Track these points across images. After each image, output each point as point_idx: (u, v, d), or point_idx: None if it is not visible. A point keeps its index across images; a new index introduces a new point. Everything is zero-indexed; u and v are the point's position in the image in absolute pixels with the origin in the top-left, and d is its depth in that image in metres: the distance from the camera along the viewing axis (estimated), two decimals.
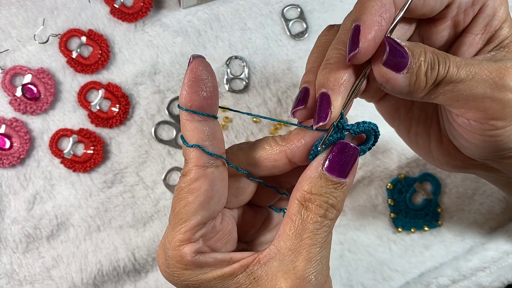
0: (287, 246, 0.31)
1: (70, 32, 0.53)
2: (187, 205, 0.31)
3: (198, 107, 0.30)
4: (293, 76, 0.55)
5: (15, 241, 0.50)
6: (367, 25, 0.30)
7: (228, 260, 0.32)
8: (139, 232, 0.52)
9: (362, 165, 0.53)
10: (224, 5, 0.55)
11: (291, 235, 0.31)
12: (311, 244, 0.31)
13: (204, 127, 0.31)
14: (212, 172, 0.31)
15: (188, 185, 0.31)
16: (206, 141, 0.31)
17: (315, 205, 0.31)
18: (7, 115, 0.52)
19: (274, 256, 0.31)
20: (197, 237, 0.31)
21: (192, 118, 0.30)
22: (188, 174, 0.31)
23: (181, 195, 0.31)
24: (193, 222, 0.31)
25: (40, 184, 0.51)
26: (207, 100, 0.30)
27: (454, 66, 0.31)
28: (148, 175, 0.52)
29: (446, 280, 0.51)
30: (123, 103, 0.53)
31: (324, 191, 0.31)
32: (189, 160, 0.31)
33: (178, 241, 0.31)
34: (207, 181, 0.31)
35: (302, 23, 0.56)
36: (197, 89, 0.30)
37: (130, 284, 0.52)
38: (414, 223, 0.53)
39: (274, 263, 0.31)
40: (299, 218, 0.31)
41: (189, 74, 0.30)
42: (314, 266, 0.31)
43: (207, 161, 0.31)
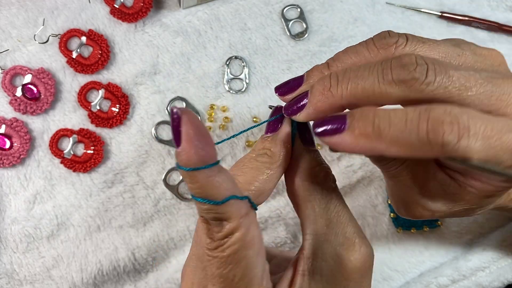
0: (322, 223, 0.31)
1: (70, 32, 0.53)
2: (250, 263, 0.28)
3: (211, 158, 0.26)
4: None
5: (15, 241, 0.50)
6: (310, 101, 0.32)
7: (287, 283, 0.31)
8: (139, 232, 0.52)
9: (362, 165, 0.53)
10: (224, 5, 0.55)
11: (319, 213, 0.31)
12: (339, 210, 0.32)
13: (224, 176, 0.27)
14: (252, 216, 0.28)
15: (243, 241, 0.27)
16: (234, 188, 0.27)
17: (322, 177, 0.32)
18: (7, 115, 0.52)
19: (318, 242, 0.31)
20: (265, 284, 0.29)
21: (215, 172, 0.26)
22: (235, 232, 0.27)
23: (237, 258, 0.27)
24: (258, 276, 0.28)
25: (40, 184, 0.51)
26: (212, 149, 0.26)
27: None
28: (148, 175, 0.52)
29: (446, 280, 0.51)
30: (123, 103, 0.53)
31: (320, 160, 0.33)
32: (230, 216, 0.27)
33: None
34: (255, 225, 0.28)
35: (302, 23, 0.56)
36: (203, 141, 0.25)
37: (130, 284, 0.52)
38: (414, 223, 0.53)
39: (323, 245, 0.31)
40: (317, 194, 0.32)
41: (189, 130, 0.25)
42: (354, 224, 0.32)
43: (247, 208, 0.28)
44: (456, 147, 0.25)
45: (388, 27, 0.56)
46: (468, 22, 0.56)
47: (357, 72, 0.29)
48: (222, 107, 0.54)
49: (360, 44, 0.32)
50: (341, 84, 0.29)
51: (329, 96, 0.30)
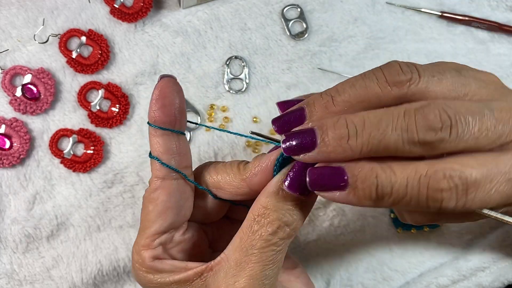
0: (234, 258, 0.31)
1: (70, 32, 0.53)
2: (147, 213, 0.34)
3: (163, 123, 0.33)
4: (293, 76, 0.55)
5: (15, 241, 0.50)
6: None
7: (184, 267, 0.33)
8: None
9: None
10: (224, 5, 0.55)
11: (239, 248, 0.31)
12: (256, 262, 0.30)
13: (167, 141, 0.33)
14: (170, 184, 0.33)
15: (149, 194, 0.34)
16: (166, 154, 0.33)
17: (267, 220, 0.30)
18: (7, 115, 0.52)
19: (223, 266, 0.32)
20: (155, 244, 0.33)
21: (155, 133, 0.33)
22: (149, 184, 0.34)
23: (144, 204, 0.34)
24: (151, 230, 0.33)
25: (40, 184, 0.51)
26: (170, 117, 0.33)
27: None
28: (148, 175, 0.52)
29: (446, 280, 0.51)
30: (123, 103, 0.52)
31: (280, 207, 0.30)
32: (151, 171, 0.34)
33: (140, 246, 0.34)
34: (165, 192, 0.33)
35: (302, 23, 0.56)
36: (162, 106, 0.33)
37: (130, 284, 0.52)
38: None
39: (221, 274, 0.31)
40: (249, 231, 0.31)
41: (155, 92, 0.33)
42: (254, 285, 0.30)
43: (166, 173, 0.33)
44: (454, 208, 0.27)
45: (388, 27, 0.56)
46: (468, 22, 0.56)
47: (379, 126, 0.27)
48: (222, 107, 0.54)
49: (367, 77, 0.29)
50: (361, 138, 0.27)
51: (347, 149, 0.27)
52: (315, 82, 0.55)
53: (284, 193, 0.30)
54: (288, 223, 0.30)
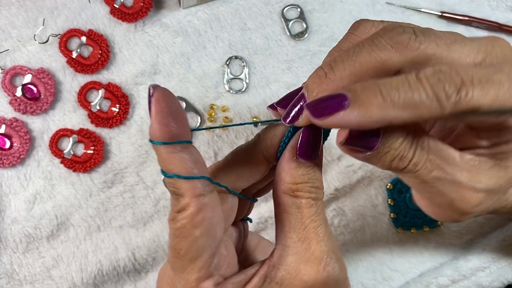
0: (295, 238, 0.31)
1: (70, 32, 0.53)
2: (194, 241, 0.29)
3: (176, 137, 0.28)
4: (293, 76, 0.55)
5: (15, 241, 0.50)
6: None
7: (245, 279, 0.31)
8: (139, 232, 0.52)
9: (362, 165, 0.53)
10: (224, 5, 0.55)
11: (293, 228, 0.31)
12: (316, 227, 0.31)
13: (189, 155, 0.29)
14: (210, 198, 0.29)
15: (191, 219, 0.28)
16: (195, 168, 0.29)
17: (303, 192, 0.31)
18: (7, 115, 0.52)
19: (286, 253, 0.31)
20: (212, 270, 0.30)
21: (175, 149, 0.28)
22: (187, 209, 0.28)
23: (184, 233, 0.29)
24: (205, 257, 0.29)
25: (40, 184, 0.51)
26: (183, 127, 0.28)
27: (427, 167, 0.29)
28: (148, 175, 0.52)
29: (446, 280, 0.51)
30: (123, 103, 0.53)
31: (307, 178, 0.31)
32: (184, 193, 0.28)
33: (195, 281, 0.30)
34: (209, 209, 0.29)
35: (302, 23, 0.56)
36: (169, 119, 0.28)
37: (130, 284, 0.52)
38: (414, 223, 0.53)
39: (291, 259, 0.31)
40: (294, 208, 0.31)
41: (157, 106, 0.28)
42: (328, 243, 0.31)
43: (203, 189, 0.29)
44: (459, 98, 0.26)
45: None
46: (468, 22, 0.56)
47: (348, 52, 0.28)
48: (222, 107, 0.54)
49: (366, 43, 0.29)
50: (337, 67, 0.28)
51: (328, 83, 0.28)
52: None
53: (301, 164, 0.31)
54: (318, 186, 0.31)
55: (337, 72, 0.28)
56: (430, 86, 0.26)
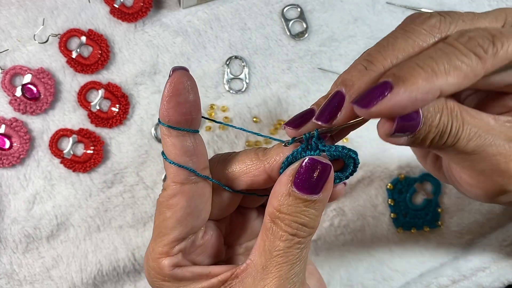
0: (260, 262, 0.31)
1: (70, 32, 0.53)
2: (165, 220, 0.31)
3: (177, 123, 0.29)
4: (293, 76, 0.55)
5: (15, 241, 0.50)
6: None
7: (207, 274, 0.32)
8: (139, 232, 0.52)
9: (363, 165, 0.53)
10: (224, 5, 0.55)
11: (263, 251, 0.30)
12: (281, 262, 0.30)
13: (183, 142, 0.30)
14: (190, 188, 0.31)
15: (166, 200, 0.31)
16: (185, 156, 0.30)
17: (284, 223, 0.29)
18: (7, 115, 0.52)
19: (249, 272, 0.31)
20: (175, 251, 0.32)
21: (170, 133, 0.30)
22: (166, 190, 0.31)
23: (160, 209, 0.31)
24: (170, 237, 0.31)
25: (40, 184, 0.51)
26: (186, 116, 0.29)
27: (465, 136, 0.29)
28: (148, 175, 0.52)
29: (446, 280, 0.51)
30: (123, 103, 0.52)
31: (293, 210, 0.29)
32: (168, 175, 0.31)
33: (158, 253, 0.31)
34: (185, 197, 0.31)
35: (302, 23, 0.55)
36: (176, 104, 0.29)
37: (130, 284, 0.52)
38: (414, 223, 0.53)
39: (248, 280, 0.31)
40: (270, 234, 0.30)
41: (168, 88, 0.29)
42: (285, 285, 0.30)
43: (185, 178, 0.30)
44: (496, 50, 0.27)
45: (388, 27, 0.56)
46: None
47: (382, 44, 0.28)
48: (222, 107, 0.54)
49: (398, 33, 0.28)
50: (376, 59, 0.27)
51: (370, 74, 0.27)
52: (315, 82, 0.55)
53: (294, 194, 0.29)
54: (305, 223, 0.30)
55: (378, 64, 0.27)
56: (463, 45, 0.26)
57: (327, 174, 0.29)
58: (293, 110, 0.54)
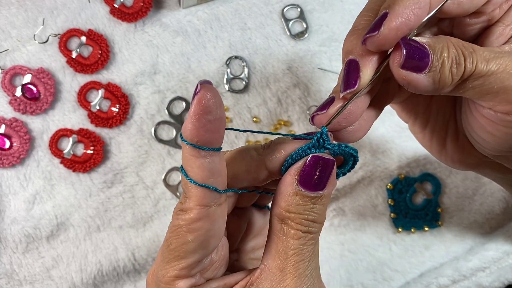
0: (275, 265, 0.30)
1: (70, 32, 0.53)
2: (185, 243, 0.29)
3: (206, 142, 0.27)
4: (293, 76, 0.55)
5: (15, 241, 0.50)
6: (395, 14, 0.29)
7: (222, 285, 0.31)
8: (139, 232, 0.52)
9: (362, 165, 0.53)
10: (224, 5, 0.55)
11: (277, 253, 0.30)
12: (298, 261, 0.30)
13: (210, 164, 0.28)
14: (215, 211, 0.29)
15: (188, 224, 0.29)
16: (212, 178, 0.28)
17: (295, 222, 0.30)
18: (7, 115, 0.52)
19: (265, 276, 0.31)
20: (193, 273, 0.30)
21: (198, 154, 0.28)
22: (189, 212, 0.29)
23: (179, 232, 0.29)
24: (189, 261, 0.30)
25: (40, 184, 0.51)
26: (215, 134, 0.27)
27: (482, 59, 0.30)
28: (148, 175, 0.52)
29: (446, 280, 0.51)
30: (123, 103, 0.52)
31: (302, 209, 0.29)
32: (191, 197, 0.28)
33: (173, 276, 0.30)
34: (209, 221, 0.29)
35: (302, 23, 0.55)
36: (205, 123, 0.27)
37: (130, 284, 0.52)
38: (414, 223, 0.53)
39: (266, 284, 0.30)
40: (282, 235, 0.30)
41: (196, 106, 0.26)
42: (304, 281, 0.30)
43: (211, 201, 0.29)
44: None
45: None
46: None
47: None
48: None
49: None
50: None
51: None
52: (315, 82, 0.55)
53: (301, 193, 0.29)
54: (315, 220, 0.30)
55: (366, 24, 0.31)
56: None
57: (331, 170, 0.29)
58: (293, 110, 0.54)
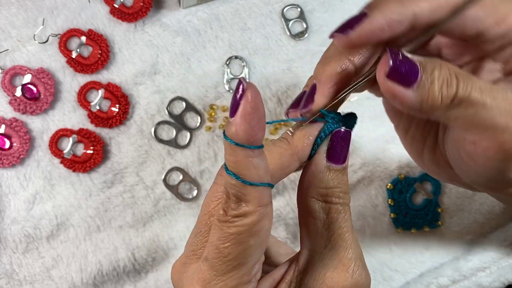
0: (322, 244, 0.31)
1: (70, 32, 0.53)
2: (247, 249, 0.28)
3: (256, 141, 0.26)
4: (293, 76, 0.55)
5: (15, 241, 0.50)
6: (370, 20, 0.30)
7: (272, 284, 0.31)
8: (139, 232, 0.52)
9: (362, 165, 0.53)
10: (224, 5, 0.55)
11: (321, 233, 0.31)
12: (343, 233, 0.31)
13: (264, 161, 0.27)
14: (270, 209, 0.29)
15: (250, 228, 0.27)
16: (267, 176, 0.28)
17: (333, 197, 0.31)
18: (7, 115, 0.52)
19: (313, 259, 0.31)
20: (251, 277, 0.29)
21: (252, 154, 0.26)
22: (249, 216, 0.27)
23: (240, 239, 0.28)
24: (250, 265, 0.29)
25: (40, 184, 0.51)
26: (263, 132, 0.27)
27: (477, 88, 0.29)
28: (148, 175, 0.52)
29: (446, 280, 0.51)
30: (123, 103, 0.52)
31: (337, 182, 0.31)
32: (250, 200, 0.27)
33: (235, 286, 0.29)
34: (269, 219, 0.28)
35: (302, 23, 0.55)
36: (258, 120, 0.26)
37: (130, 284, 0.52)
38: (414, 223, 0.53)
39: (317, 265, 0.31)
40: (322, 214, 0.31)
41: (247, 105, 0.25)
42: (355, 250, 0.31)
43: (268, 199, 0.28)
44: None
45: None
46: None
47: None
48: (222, 107, 0.54)
49: None
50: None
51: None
52: None
53: (331, 169, 0.31)
54: (346, 190, 0.31)
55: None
56: None
57: (349, 141, 0.31)
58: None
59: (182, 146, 0.53)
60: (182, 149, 0.53)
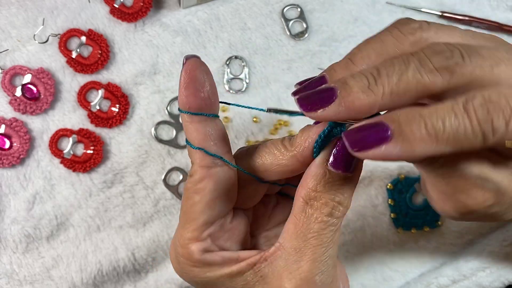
0: (292, 245, 0.31)
1: (70, 32, 0.53)
2: (193, 204, 0.31)
3: (197, 109, 0.30)
4: (293, 76, 0.55)
5: (15, 241, 0.50)
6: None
7: (236, 258, 0.32)
8: (139, 232, 0.52)
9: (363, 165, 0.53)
10: (224, 5, 0.55)
11: (295, 235, 0.31)
12: (316, 245, 0.30)
13: (205, 127, 0.31)
14: (217, 172, 0.31)
15: (194, 185, 0.31)
16: (209, 141, 0.31)
17: (320, 203, 0.30)
18: (7, 115, 0.52)
19: (280, 254, 0.31)
20: (204, 236, 0.32)
21: (192, 119, 0.31)
22: (194, 175, 0.31)
23: (188, 194, 0.32)
24: (199, 221, 0.31)
25: (40, 184, 0.51)
26: (205, 101, 0.30)
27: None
28: (148, 175, 0.52)
29: (446, 280, 0.51)
30: (123, 103, 0.52)
31: (330, 188, 0.30)
32: (194, 161, 0.31)
33: (186, 239, 0.32)
34: (212, 181, 0.31)
35: (302, 23, 0.55)
36: (194, 90, 0.30)
37: (130, 284, 0.52)
38: (414, 223, 0.53)
39: (280, 262, 0.31)
40: (303, 217, 0.30)
41: (184, 76, 0.30)
42: (319, 267, 0.30)
43: (211, 162, 0.31)
44: (506, 131, 0.25)
45: None
46: (469, 22, 0.56)
47: (392, 67, 0.26)
48: (222, 107, 0.54)
49: (382, 33, 0.29)
50: (380, 81, 0.26)
51: (369, 95, 0.26)
52: None
53: (330, 173, 0.30)
54: (340, 202, 0.30)
55: (380, 87, 0.26)
56: (478, 120, 0.25)
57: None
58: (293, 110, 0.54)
59: (182, 146, 0.53)
60: (182, 149, 0.53)
